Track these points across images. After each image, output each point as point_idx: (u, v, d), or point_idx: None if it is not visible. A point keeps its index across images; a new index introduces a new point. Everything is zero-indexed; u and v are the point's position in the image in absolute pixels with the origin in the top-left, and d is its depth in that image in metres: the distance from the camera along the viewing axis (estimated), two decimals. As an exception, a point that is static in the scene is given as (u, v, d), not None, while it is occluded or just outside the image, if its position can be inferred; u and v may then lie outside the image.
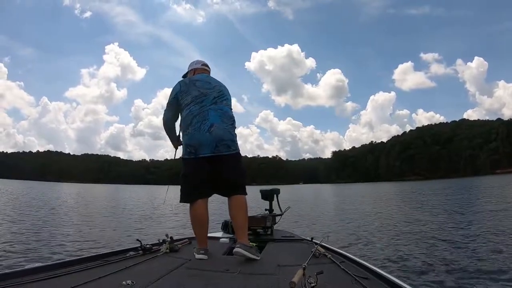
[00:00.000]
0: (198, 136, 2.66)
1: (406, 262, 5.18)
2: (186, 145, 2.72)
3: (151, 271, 2.18)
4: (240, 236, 2.64)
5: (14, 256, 5.57)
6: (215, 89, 2.84)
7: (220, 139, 2.67)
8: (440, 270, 4.68)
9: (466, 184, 40.63)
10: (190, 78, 2.91)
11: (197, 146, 2.66)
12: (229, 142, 2.72)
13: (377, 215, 12.29)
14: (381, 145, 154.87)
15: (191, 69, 3.11)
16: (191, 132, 2.69)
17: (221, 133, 2.69)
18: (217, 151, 2.66)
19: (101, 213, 14.31)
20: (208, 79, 2.94)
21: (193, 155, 2.68)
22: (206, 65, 3.16)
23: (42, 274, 1.96)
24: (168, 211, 14.78)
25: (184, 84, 2.86)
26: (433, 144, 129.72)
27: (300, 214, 12.89)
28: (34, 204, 17.49)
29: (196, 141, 2.66)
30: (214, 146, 2.65)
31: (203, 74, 3.03)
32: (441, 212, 11.93)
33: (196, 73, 3.05)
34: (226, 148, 2.70)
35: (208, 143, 2.64)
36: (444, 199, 19.38)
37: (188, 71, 3.13)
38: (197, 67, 3.11)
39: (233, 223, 2.76)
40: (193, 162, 2.69)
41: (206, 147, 2.64)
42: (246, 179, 2.84)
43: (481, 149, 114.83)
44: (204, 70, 3.10)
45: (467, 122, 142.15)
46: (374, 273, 2.12)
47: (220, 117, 2.73)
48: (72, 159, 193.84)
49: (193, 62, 3.16)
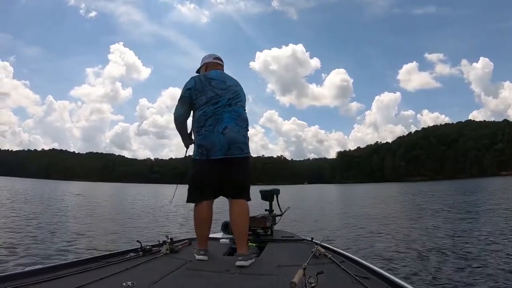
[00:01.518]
0: (211, 138, 2.62)
1: (407, 262, 5.18)
2: (198, 146, 2.69)
3: (151, 272, 2.19)
4: (240, 246, 2.62)
5: (14, 256, 5.60)
6: (230, 89, 2.77)
7: (233, 141, 2.64)
8: (441, 270, 4.68)
9: (472, 185, 40.42)
10: (205, 75, 2.81)
11: (209, 147, 2.62)
12: (242, 144, 2.70)
13: (378, 215, 12.24)
14: (386, 146, 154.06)
15: (203, 63, 3.02)
16: (204, 133, 2.65)
17: (235, 136, 2.65)
18: (229, 153, 2.63)
19: (102, 213, 14.33)
20: (223, 77, 2.84)
21: (204, 156, 2.64)
22: (219, 59, 3.06)
23: (42, 276, 1.96)
24: (169, 211, 14.83)
25: (200, 81, 2.77)
26: (438, 144, 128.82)
27: (300, 215, 12.86)
28: (35, 203, 17.56)
29: (209, 143, 2.62)
30: (227, 149, 2.62)
31: (217, 70, 2.91)
32: (443, 213, 11.87)
33: (208, 68, 2.96)
34: (239, 150, 2.68)
35: (221, 145, 2.61)
36: (448, 200, 19.25)
37: (200, 66, 3.04)
38: (209, 61, 3.01)
39: (233, 230, 2.74)
40: (203, 163, 2.66)
41: (219, 149, 2.61)
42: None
43: (487, 150, 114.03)
44: (216, 65, 3.00)
45: (473, 123, 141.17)
46: (374, 273, 2.11)
47: (235, 119, 2.70)
48: (77, 158, 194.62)
49: (206, 56, 3.06)
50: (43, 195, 25.27)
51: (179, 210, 14.96)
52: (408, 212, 13.36)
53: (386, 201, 21.28)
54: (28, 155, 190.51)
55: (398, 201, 20.34)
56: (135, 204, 20.51)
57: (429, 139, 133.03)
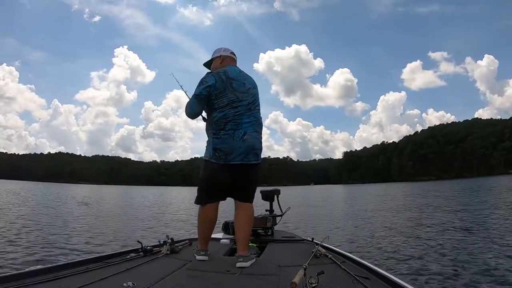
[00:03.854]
0: (230, 143, 2.57)
1: (407, 262, 5.14)
2: (215, 149, 2.60)
3: (151, 272, 2.19)
4: (241, 248, 2.62)
5: (16, 256, 5.67)
6: (249, 92, 2.72)
7: (252, 148, 2.63)
8: (442, 271, 4.62)
9: (480, 184, 39.88)
10: (226, 74, 2.67)
11: (228, 152, 2.57)
12: (258, 151, 2.70)
13: (379, 216, 12.17)
14: (392, 145, 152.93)
15: (218, 55, 2.89)
16: (223, 137, 2.59)
17: (254, 142, 2.64)
18: (247, 159, 2.61)
19: (104, 215, 14.50)
20: (242, 77, 2.75)
21: (222, 160, 2.59)
22: (234, 54, 2.95)
23: (42, 276, 1.97)
24: (169, 211, 14.87)
25: (221, 80, 2.64)
26: (446, 143, 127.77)
27: (301, 215, 12.82)
28: (38, 205, 17.78)
29: (228, 147, 2.57)
30: (245, 155, 2.60)
31: (234, 68, 2.82)
32: (446, 214, 11.72)
33: (224, 62, 2.85)
34: (255, 157, 2.68)
35: (240, 151, 2.57)
36: (455, 199, 19.09)
37: (213, 58, 2.91)
38: (226, 54, 2.89)
39: (238, 233, 2.73)
40: (220, 167, 2.60)
41: (238, 155, 2.58)
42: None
43: (494, 149, 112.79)
44: (233, 60, 2.91)
45: (480, 121, 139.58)
46: (375, 273, 2.12)
47: (253, 125, 2.67)
48: (84, 161, 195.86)
49: (221, 49, 2.92)
50: (48, 198, 25.50)
51: (180, 210, 15.03)
52: (409, 212, 13.16)
53: (391, 201, 21.02)
54: (35, 158, 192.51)
55: (399, 201, 19.98)
56: (138, 206, 20.68)
57: (437, 138, 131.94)
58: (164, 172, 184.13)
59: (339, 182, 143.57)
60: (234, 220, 2.78)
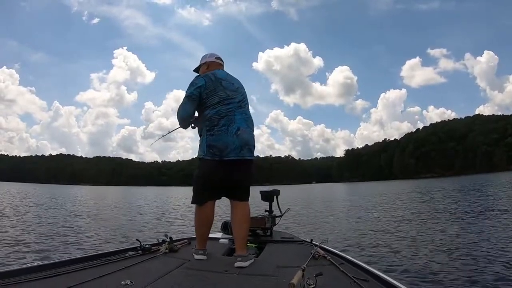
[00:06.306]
0: (225, 139, 2.61)
1: (406, 265, 5.05)
2: (209, 146, 2.63)
3: (150, 271, 2.20)
4: (239, 248, 2.63)
5: (14, 253, 5.71)
6: (238, 91, 2.80)
7: (245, 143, 2.66)
8: (441, 273, 4.55)
9: (483, 181, 39.72)
10: (215, 75, 2.77)
11: (223, 148, 2.60)
12: (252, 147, 2.73)
13: (379, 216, 11.98)
14: (394, 143, 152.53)
15: (204, 62, 2.99)
16: (217, 134, 2.62)
17: (247, 137, 2.68)
18: (241, 155, 2.63)
19: (104, 214, 14.55)
20: (230, 78, 2.84)
21: (217, 157, 2.61)
22: (220, 59, 3.05)
23: (40, 273, 1.98)
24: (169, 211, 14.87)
25: (210, 80, 2.72)
26: (447, 140, 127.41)
27: (300, 216, 12.74)
28: (38, 206, 17.80)
29: (222, 144, 2.60)
30: (239, 150, 2.62)
31: (220, 70, 2.92)
32: (448, 214, 11.45)
33: (210, 67, 2.94)
34: (249, 152, 2.70)
35: (234, 146, 2.61)
36: (457, 198, 18.93)
37: (200, 65, 3.01)
38: (211, 60, 2.99)
39: (236, 232, 2.73)
40: (215, 164, 2.62)
41: (232, 150, 2.60)
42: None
43: (497, 145, 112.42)
44: (219, 65, 3.00)
45: (482, 118, 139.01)
46: (373, 275, 2.11)
47: (246, 121, 2.73)
48: (85, 162, 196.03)
49: (206, 55, 3.04)
50: (49, 198, 25.57)
51: (179, 209, 15.04)
52: (408, 212, 12.96)
53: (392, 200, 20.77)
54: (36, 160, 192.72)
55: (399, 201, 19.69)
56: (138, 205, 20.72)
57: (438, 135, 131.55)
58: (165, 172, 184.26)
59: (340, 180, 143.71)
60: (231, 219, 2.79)
